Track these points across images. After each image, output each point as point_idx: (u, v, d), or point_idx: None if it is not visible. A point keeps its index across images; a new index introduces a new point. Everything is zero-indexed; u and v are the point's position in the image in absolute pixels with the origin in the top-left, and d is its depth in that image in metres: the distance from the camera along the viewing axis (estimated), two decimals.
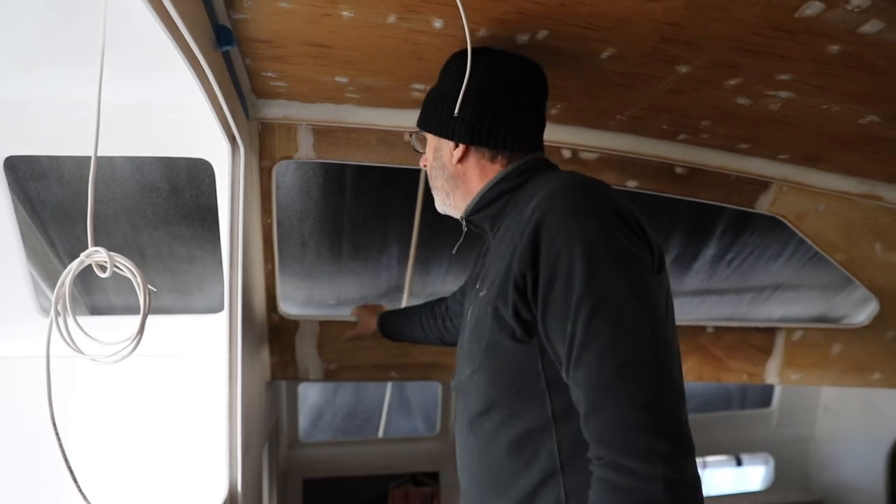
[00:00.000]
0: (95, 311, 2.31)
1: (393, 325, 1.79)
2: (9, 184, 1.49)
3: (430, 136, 1.17)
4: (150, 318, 0.88)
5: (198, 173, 1.86)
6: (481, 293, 1.05)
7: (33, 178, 1.79)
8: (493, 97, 1.09)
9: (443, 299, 1.68)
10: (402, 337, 1.79)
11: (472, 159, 1.12)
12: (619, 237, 0.89)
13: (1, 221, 1.51)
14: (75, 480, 0.85)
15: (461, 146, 1.11)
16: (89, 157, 0.83)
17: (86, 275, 0.85)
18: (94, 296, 2.27)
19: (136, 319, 0.87)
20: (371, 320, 1.84)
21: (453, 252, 1.30)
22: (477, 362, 1.03)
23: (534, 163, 1.11)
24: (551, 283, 0.88)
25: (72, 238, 1.99)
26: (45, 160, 1.74)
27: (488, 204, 1.10)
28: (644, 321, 0.85)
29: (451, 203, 1.17)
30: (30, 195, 1.84)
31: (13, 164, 1.69)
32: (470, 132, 1.09)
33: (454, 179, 1.14)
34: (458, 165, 1.12)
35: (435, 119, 1.12)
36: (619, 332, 0.83)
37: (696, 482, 0.80)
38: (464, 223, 1.17)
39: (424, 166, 1.22)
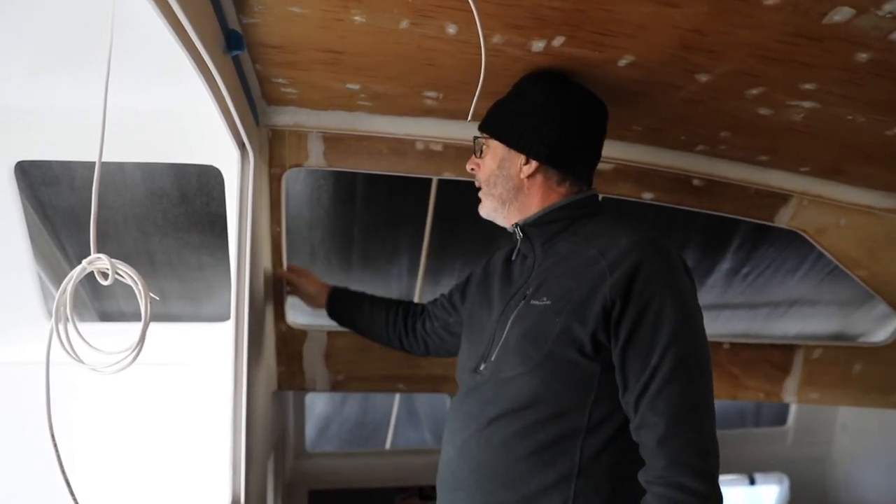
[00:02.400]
0: (105, 317, 2.30)
1: (348, 303, 1.65)
2: (20, 188, 1.48)
3: (497, 146, 1.22)
4: (158, 326, 0.87)
5: (208, 180, 1.85)
6: (534, 301, 1.14)
7: (45, 183, 1.79)
8: (574, 125, 1.19)
9: (414, 303, 1.64)
10: (354, 321, 1.65)
11: (540, 178, 1.20)
12: (693, 290, 1.11)
13: (10, 226, 1.50)
14: (71, 491, 0.83)
15: (534, 163, 1.19)
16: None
17: (96, 280, 0.83)
18: (103, 301, 2.26)
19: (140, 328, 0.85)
20: (317, 289, 1.68)
21: (512, 259, 1.32)
22: (531, 365, 1.11)
23: (596, 200, 1.24)
24: (642, 316, 1.04)
25: (82, 243, 1.98)
26: (57, 165, 1.74)
27: (550, 222, 1.20)
28: (707, 364, 1.07)
29: (503, 212, 1.24)
30: (41, 200, 1.84)
31: (25, 169, 1.69)
32: (548, 153, 1.17)
33: (516, 191, 1.22)
34: (525, 180, 1.20)
35: (513, 132, 1.19)
36: (697, 373, 1.04)
37: None
38: (518, 231, 1.24)
39: (472, 170, 1.28)
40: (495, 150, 1.22)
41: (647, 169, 1.68)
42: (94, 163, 0.81)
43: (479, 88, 1.03)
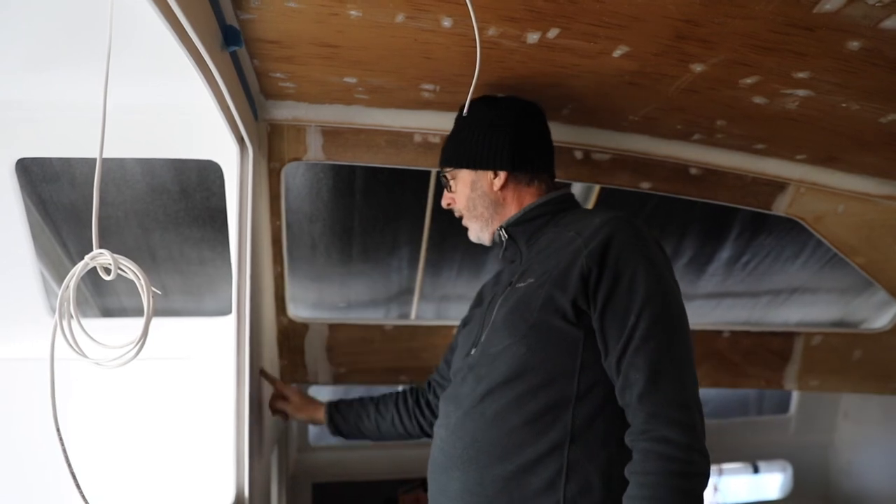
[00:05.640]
0: (107, 313, 2.32)
1: (347, 413, 1.60)
2: (21, 185, 1.49)
3: (464, 173, 1.31)
4: (160, 321, 0.88)
5: (208, 175, 1.86)
6: (520, 284, 1.21)
7: (46, 180, 1.79)
8: (523, 127, 1.29)
9: (414, 387, 1.60)
10: (361, 428, 1.60)
11: (511, 186, 1.30)
12: (667, 262, 1.17)
13: (12, 223, 1.51)
14: (77, 485, 0.84)
15: (502, 174, 1.28)
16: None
17: (97, 276, 0.84)
18: (105, 298, 2.28)
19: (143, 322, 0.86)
20: (311, 409, 1.63)
21: (500, 257, 1.38)
22: (518, 335, 1.16)
23: (572, 197, 1.33)
24: (616, 282, 1.09)
25: (84, 240, 2.00)
26: (57, 162, 1.74)
27: (531, 219, 1.28)
28: (685, 326, 1.11)
29: (489, 228, 1.32)
30: (43, 197, 1.85)
31: (26, 166, 1.70)
32: (511, 160, 1.27)
33: (495, 205, 1.31)
34: (499, 192, 1.30)
35: (474, 155, 1.28)
36: (674, 332, 1.08)
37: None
38: (503, 233, 1.30)
39: (449, 205, 1.36)
40: (464, 177, 1.31)
41: (644, 159, 1.68)
42: (94, 159, 0.81)
43: (474, 81, 1.03)
